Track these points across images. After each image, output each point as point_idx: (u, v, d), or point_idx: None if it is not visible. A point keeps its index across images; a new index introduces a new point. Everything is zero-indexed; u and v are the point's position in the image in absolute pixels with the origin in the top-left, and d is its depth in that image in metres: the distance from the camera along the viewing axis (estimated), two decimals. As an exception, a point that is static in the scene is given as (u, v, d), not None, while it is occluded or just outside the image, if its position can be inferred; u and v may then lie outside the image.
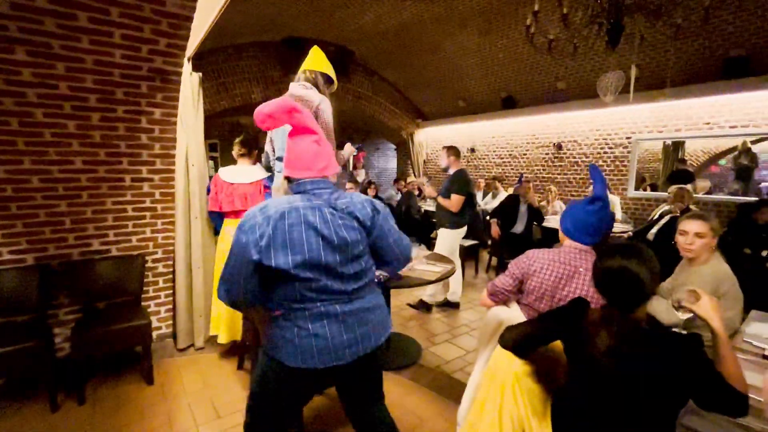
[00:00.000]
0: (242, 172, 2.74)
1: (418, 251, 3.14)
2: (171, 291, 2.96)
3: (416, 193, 7.16)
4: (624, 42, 3.30)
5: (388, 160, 12.70)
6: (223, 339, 2.73)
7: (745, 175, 5.89)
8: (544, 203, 5.97)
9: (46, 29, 1.96)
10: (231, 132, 10.23)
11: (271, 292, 1.23)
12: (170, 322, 3.00)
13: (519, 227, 4.80)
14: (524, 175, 6.18)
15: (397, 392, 2.39)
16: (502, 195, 6.26)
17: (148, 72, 2.36)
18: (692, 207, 3.81)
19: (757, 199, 4.15)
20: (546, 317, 1.32)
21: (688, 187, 4.08)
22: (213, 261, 2.93)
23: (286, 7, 5.50)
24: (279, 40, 6.52)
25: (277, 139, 2.33)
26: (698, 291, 1.21)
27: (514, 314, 1.65)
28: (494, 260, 5.41)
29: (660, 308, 1.77)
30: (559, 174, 7.02)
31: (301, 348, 1.20)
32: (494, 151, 8.24)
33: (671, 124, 5.56)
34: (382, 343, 1.35)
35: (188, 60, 2.64)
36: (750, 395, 1.19)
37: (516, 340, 1.36)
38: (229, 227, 2.71)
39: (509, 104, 7.37)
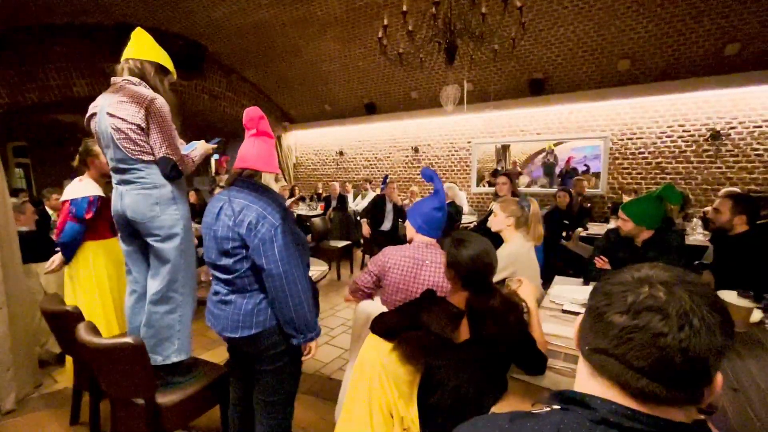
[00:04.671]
0: (69, 189, 2.26)
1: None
2: (-44, 344, 2.23)
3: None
4: (458, 60, 3.88)
5: (255, 165, 12.03)
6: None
7: (550, 171, 7.55)
8: (407, 202, 6.52)
9: None
10: (47, 133, 8.23)
11: None
12: (-42, 385, 2.25)
13: (387, 225, 5.15)
14: (388, 176, 6.66)
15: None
16: (371, 195, 6.61)
17: None
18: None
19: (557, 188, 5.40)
20: (407, 307, 1.48)
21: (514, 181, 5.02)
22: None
23: (112, -14, 4.69)
24: (111, 25, 5.51)
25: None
26: (522, 279, 1.52)
27: (381, 307, 1.78)
28: (368, 258, 5.68)
29: None
30: (418, 174, 7.77)
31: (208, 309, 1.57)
32: (361, 154, 8.63)
33: (498, 131, 6.77)
34: (238, 337, 1.46)
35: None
36: (551, 342, 1.56)
37: (385, 329, 1.49)
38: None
39: (371, 110, 7.82)
